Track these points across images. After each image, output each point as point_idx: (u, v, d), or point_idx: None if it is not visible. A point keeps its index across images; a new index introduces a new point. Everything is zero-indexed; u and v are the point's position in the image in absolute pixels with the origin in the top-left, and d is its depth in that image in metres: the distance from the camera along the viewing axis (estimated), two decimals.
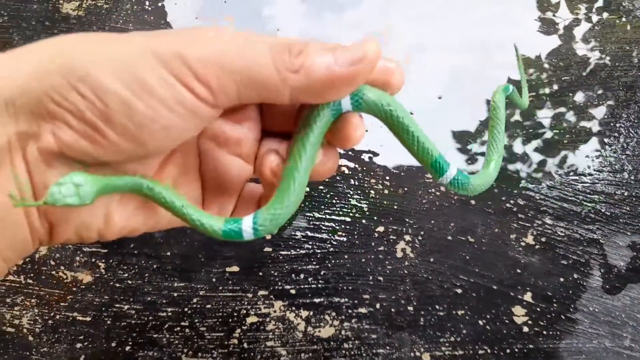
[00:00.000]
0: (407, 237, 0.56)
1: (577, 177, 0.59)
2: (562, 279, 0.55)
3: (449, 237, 0.57)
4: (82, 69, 0.21)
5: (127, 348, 0.51)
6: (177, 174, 0.28)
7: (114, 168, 0.25)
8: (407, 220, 0.57)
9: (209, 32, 0.25)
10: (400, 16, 0.68)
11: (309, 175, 0.26)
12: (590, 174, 0.59)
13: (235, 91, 0.22)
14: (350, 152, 0.59)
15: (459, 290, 0.55)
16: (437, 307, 0.54)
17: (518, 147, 0.61)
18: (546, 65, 0.65)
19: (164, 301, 0.53)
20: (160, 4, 0.67)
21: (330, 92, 0.23)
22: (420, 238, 0.56)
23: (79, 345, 0.52)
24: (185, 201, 0.26)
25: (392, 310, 0.53)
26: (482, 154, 0.61)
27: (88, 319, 0.52)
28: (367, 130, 0.61)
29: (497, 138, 0.33)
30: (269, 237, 0.56)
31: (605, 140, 0.61)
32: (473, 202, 0.58)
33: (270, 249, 0.55)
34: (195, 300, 0.53)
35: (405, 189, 0.58)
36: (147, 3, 0.68)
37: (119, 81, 0.21)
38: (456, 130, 0.62)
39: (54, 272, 0.54)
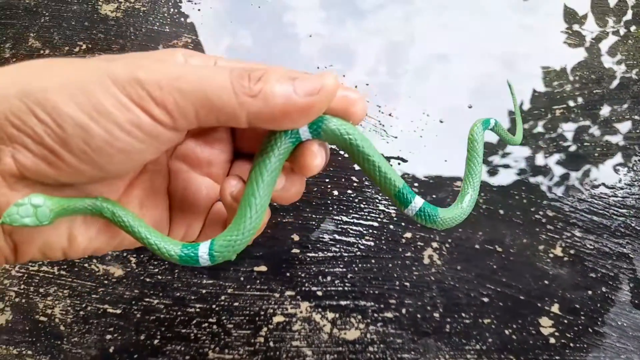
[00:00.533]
0: (435, 244, 0.56)
1: (607, 191, 0.59)
2: (590, 292, 0.55)
3: (477, 246, 0.57)
4: (40, 94, 0.21)
5: (156, 341, 0.52)
6: (144, 195, 0.28)
7: (78, 190, 0.25)
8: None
9: (177, 56, 0.25)
10: (423, 24, 0.69)
11: (267, 201, 0.26)
12: (621, 188, 0.59)
13: (194, 114, 0.22)
14: None
15: (486, 299, 0.55)
16: (463, 314, 0.54)
17: (540, 159, 0.61)
18: (572, 78, 0.65)
19: (193, 297, 0.54)
20: (197, 9, 0.69)
21: (287, 120, 0.23)
22: (447, 246, 0.56)
23: (108, 336, 0.53)
24: (144, 225, 0.26)
25: (418, 315, 0.54)
26: (504, 166, 0.61)
27: (118, 311, 0.53)
28: (395, 137, 0.62)
29: (473, 172, 0.33)
30: (297, 238, 0.57)
31: (638, 154, 0.61)
32: (502, 212, 0.58)
33: (298, 250, 0.56)
34: (223, 297, 0.54)
35: (434, 196, 0.58)
36: (182, 7, 0.70)
37: (76, 105, 0.21)
38: None
39: (86, 265, 0.55)
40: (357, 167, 0.60)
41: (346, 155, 0.61)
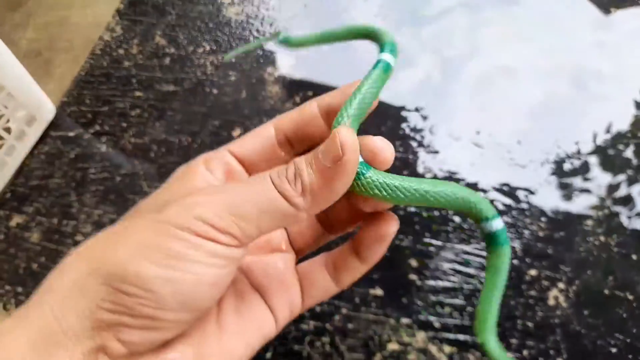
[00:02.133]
0: (561, 285, 0.53)
1: None
2: None
3: (606, 291, 0.53)
4: (120, 270, 0.22)
5: (268, 355, 0.52)
6: (236, 302, 0.29)
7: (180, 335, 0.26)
8: (561, 267, 0.54)
9: (200, 170, 0.28)
10: (488, 36, 0.66)
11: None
12: None
13: (257, 231, 0.24)
14: (505, 187, 0.58)
15: (614, 350, 0.51)
16: None
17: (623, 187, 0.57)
18: None
19: (307, 314, 0.54)
20: (320, 8, 0.68)
21: (337, 191, 0.24)
22: (575, 288, 0.53)
23: None
24: None
25: (541, 359, 0.51)
26: (584, 190, 0.57)
27: None
28: (523, 166, 0.59)
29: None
30: (415, 264, 0.55)
31: None
32: (634, 257, 0.54)
33: (415, 277, 0.54)
34: (337, 317, 0.53)
35: (562, 233, 0.55)
36: (307, 9, 0.69)
37: (155, 264, 0.22)
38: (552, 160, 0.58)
39: None
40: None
41: (470, 179, 0.59)
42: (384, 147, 0.26)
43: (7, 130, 0.61)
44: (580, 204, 0.57)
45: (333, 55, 0.66)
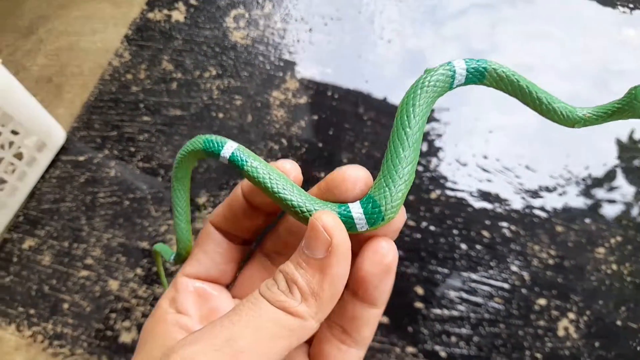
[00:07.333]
0: (571, 316, 0.52)
1: None
2: None
3: (618, 323, 0.52)
4: None
5: None
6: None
7: None
8: (572, 297, 0.53)
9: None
10: (507, 33, 0.65)
11: (419, 143, 0.23)
12: None
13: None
14: (513, 214, 0.56)
15: None
16: None
17: None
18: None
19: None
20: (328, 40, 0.68)
21: (338, 279, 0.21)
22: (585, 318, 0.52)
23: None
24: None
25: None
26: (610, 201, 0.55)
27: None
28: (541, 195, 0.58)
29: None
30: (421, 291, 0.54)
31: None
32: None
33: (421, 305, 0.54)
34: None
35: (572, 262, 0.54)
36: (312, 37, 0.69)
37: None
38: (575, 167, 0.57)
39: None
40: (487, 222, 0.56)
41: (477, 206, 0.58)
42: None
43: (19, 156, 0.62)
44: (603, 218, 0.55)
45: (339, 79, 0.66)
